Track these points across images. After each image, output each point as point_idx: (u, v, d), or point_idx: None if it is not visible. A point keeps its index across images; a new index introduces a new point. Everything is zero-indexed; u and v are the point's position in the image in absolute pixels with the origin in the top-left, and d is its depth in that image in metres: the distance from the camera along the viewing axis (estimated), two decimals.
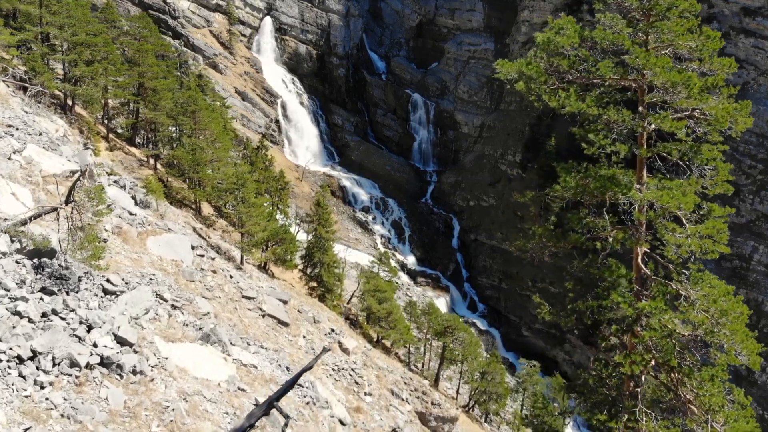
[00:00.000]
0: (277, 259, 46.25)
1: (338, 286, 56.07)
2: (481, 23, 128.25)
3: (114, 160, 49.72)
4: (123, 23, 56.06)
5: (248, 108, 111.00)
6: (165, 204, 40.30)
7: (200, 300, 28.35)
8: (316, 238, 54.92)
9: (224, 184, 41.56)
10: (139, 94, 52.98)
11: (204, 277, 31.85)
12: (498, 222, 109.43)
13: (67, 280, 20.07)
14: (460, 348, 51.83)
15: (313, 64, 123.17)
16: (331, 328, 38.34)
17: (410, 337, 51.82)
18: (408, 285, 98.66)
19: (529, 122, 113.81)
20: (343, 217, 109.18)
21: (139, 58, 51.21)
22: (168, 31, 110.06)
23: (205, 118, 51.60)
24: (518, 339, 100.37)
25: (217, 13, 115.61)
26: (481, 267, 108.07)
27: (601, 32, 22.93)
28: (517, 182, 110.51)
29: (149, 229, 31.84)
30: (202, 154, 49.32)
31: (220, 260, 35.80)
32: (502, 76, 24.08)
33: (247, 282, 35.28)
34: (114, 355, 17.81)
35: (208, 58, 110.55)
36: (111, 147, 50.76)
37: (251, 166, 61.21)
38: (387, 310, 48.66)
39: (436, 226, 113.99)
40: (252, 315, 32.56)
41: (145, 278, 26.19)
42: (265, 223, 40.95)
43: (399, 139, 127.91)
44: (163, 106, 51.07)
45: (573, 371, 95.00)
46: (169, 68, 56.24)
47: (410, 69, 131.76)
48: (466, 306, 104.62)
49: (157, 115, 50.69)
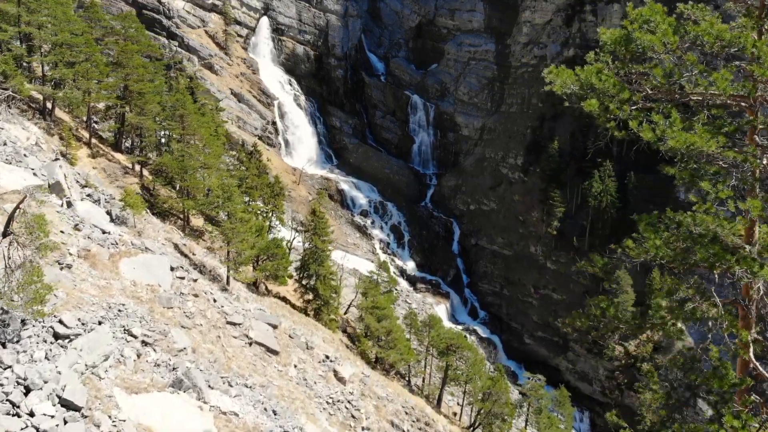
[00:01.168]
0: (269, 275, 42.80)
1: (335, 299, 52.67)
2: (481, 24, 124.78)
3: (96, 168, 46.26)
4: (108, 22, 52.45)
5: (244, 110, 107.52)
6: (147, 217, 36.90)
7: (177, 332, 24.91)
8: (311, 250, 51.50)
9: (210, 196, 37.96)
10: (124, 97, 49.49)
11: (184, 303, 28.40)
12: (499, 226, 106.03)
13: (6, 326, 16.66)
14: (464, 367, 48.47)
15: (311, 65, 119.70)
16: (326, 355, 34.91)
17: (411, 355, 48.41)
18: (408, 291, 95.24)
19: (530, 125, 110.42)
20: (341, 222, 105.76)
21: (123, 59, 47.68)
22: (163, 31, 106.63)
23: (194, 122, 48.13)
24: (520, 347, 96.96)
25: (213, 13, 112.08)
26: (481, 272, 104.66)
27: (712, 27, 15.05)
28: (519, 186, 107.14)
29: (123, 250, 28.37)
30: (191, 161, 45.89)
31: (203, 281, 32.35)
32: (559, 90, 16.75)
33: (233, 305, 31.84)
34: (53, 429, 14.36)
35: (204, 58, 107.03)
36: (94, 153, 47.27)
37: (245, 171, 57.68)
38: (386, 328, 45.24)
39: (436, 230, 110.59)
40: (237, 344, 29.15)
41: (111, 311, 22.74)
42: (253, 240, 37.46)
43: (398, 141, 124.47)
44: (149, 110, 47.59)
45: (577, 381, 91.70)
46: (157, 70, 52.71)
47: (410, 70, 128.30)
48: (467, 312, 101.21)
49: (142, 119, 47.20)
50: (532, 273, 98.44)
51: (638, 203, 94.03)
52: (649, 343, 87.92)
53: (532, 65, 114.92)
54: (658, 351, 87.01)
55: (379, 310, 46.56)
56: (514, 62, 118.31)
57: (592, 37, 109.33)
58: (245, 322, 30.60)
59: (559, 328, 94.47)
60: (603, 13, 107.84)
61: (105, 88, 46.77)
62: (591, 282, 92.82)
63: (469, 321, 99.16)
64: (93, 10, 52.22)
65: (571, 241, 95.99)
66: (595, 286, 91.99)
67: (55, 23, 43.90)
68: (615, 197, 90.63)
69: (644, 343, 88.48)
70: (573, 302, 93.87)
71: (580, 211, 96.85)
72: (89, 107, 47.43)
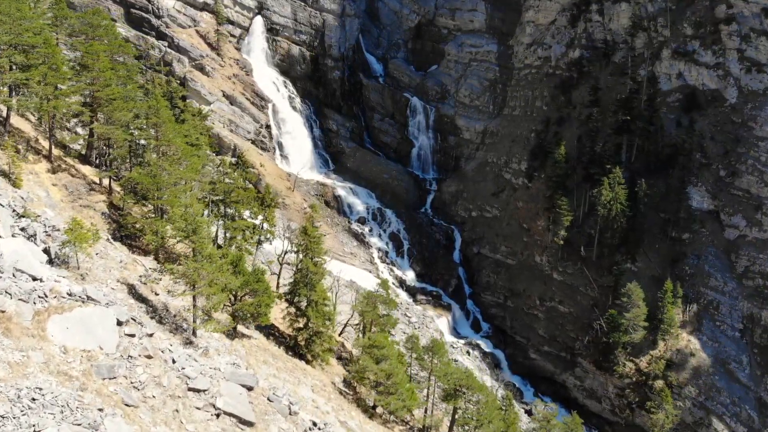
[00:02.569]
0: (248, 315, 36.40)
1: (329, 327, 46.47)
2: (483, 24, 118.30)
3: (56, 185, 39.88)
4: (75, 20, 45.95)
5: (236, 113, 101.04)
6: (103, 247, 30.55)
7: (114, 422, 18.60)
8: (302, 272, 45.25)
9: (172, 225, 31.53)
10: (91, 104, 43.10)
11: (132, 370, 22.11)
12: (503, 234, 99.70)
13: None
14: (475, 410, 42.19)
15: (307, 67, 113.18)
16: (313, 422, 28.54)
17: (414, 400, 42.20)
18: (407, 304, 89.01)
19: (534, 128, 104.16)
20: (338, 230, 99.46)
21: (89, 61, 41.27)
22: (152, 31, 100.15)
23: (169, 131, 41.76)
24: (525, 362, 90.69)
25: (204, 12, 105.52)
26: (484, 283, 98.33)
27: None
28: (523, 192, 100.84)
29: (54, 305, 22.05)
30: (165, 176, 39.58)
31: (161, 335, 26.05)
32: None
33: (198, 364, 25.52)
34: None
35: (194, 59, 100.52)
36: (54, 168, 40.89)
37: (230, 184, 51.32)
38: (386, 371, 38.90)
39: (436, 238, 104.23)
40: (201, 417, 22.89)
41: (19, 403, 16.44)
42: (226, 279, 31.15)
43: (397, 145, 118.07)
44: (118, 119, 41.20)
45: (585, 398, 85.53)
46: (130, 73, 46.35)
47: (409, 72, 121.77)
48: (470, 325, 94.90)
49: (110, 129, 40.83)
50: (538, 284, 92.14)
51: (648, 211, 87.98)
52: (662, 359, 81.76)
53: (536, 67, 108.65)
54: (671, 368, 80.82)
55: (378, 350, 40.24)
56: (516, 63, 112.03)
57: (598, 37, 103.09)
58: (212, 386, 24.31)
59: (567, 342, 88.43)
60: (610, 13, 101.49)
61: (67, 93, 40.35)
62: (600, 294, 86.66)
63: (472, 334, 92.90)
64: (58, 6, 45.75)
65: (578, 250, 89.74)
66: (604, 299, 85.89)
67: (6, 21, 37.52)
68: (625, 205, 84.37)
69: (656, 359, 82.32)
70: (581, 315, 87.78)
71: (588, 219, 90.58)
72: (50, 116, 41.04)
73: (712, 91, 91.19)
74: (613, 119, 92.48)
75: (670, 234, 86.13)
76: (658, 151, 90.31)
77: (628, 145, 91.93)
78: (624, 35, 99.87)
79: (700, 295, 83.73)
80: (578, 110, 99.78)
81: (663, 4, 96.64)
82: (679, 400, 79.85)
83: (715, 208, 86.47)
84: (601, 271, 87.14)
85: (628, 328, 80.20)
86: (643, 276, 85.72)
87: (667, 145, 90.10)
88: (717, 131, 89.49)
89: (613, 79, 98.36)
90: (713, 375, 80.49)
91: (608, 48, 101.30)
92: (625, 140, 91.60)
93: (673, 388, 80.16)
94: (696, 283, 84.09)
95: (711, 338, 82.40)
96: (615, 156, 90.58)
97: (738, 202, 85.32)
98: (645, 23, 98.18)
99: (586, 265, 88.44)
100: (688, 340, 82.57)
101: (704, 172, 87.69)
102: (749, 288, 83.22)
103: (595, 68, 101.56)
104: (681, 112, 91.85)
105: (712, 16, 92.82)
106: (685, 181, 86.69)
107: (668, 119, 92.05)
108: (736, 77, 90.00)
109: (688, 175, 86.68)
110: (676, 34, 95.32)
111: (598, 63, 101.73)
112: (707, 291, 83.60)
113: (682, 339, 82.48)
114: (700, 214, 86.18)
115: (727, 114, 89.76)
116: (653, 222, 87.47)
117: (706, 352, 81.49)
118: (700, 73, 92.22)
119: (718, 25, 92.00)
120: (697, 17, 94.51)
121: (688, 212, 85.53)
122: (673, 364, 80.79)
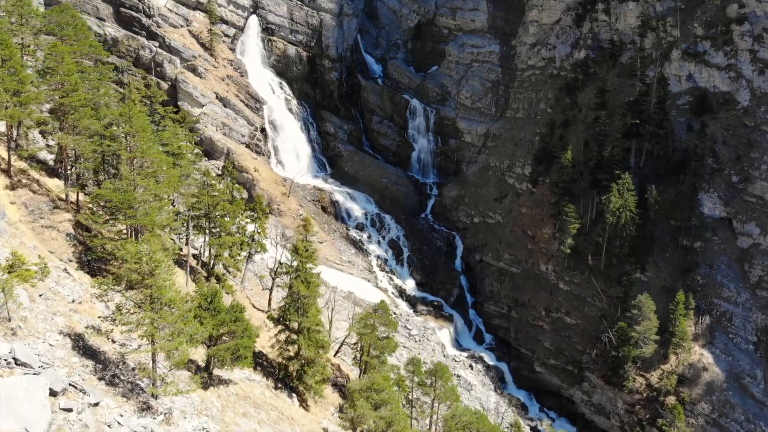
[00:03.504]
0: (226, 360, 31.30)
1: (321, 355, 41.55)
2: (484, 24, 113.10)
3: (15, 203, 34.88)
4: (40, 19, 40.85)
5: (230, 115, 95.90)
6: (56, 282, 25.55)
7: None
8: (293, 297, 40.30)
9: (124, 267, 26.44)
10: (57, 112, 38.04)
11: None
12: (506, 241, 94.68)
13: None
14: None
15: (304, 67, 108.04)
16: None
17: None
18: (407, 315, 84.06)
19: (539, 131, 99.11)
20: (335, 237, 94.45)
21: (53, 63, 36.22)
22: (142, 30, 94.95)
23: (144, 141, 36.73)
24: (530, 375, 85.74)
25: (197, 12, 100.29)
26: (487, 292, 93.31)
27: None
28: (527, 197, 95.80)
29: None
30: (136, 193, 34.61)
31: (110, 402, 21.05)
32: None
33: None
34: None
35: (186, 60, 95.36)
36: (14, 184, 35.87)
37: (215, 197, 46.26)
38: (386, 419, 33.83)
39: (437, 245, 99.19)
40: None
41: None
42: (195, 328, 26.07)
43: (396, 148, 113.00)
44: (84, 128, 36.17)
45: (593, 414, 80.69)
46: (102, 76, 41.29)
47: (408, 73, 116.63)
48: (472, 336, 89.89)
49: (76, 139, 35.79)
50: (543, 294, 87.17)
51: (658, 219, 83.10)
52: (674, 374, 76.97)
53: (540, 68, 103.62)
54: (683, 383, 76.05)
55: (377, 394, 35.23)
56: (520, 64, 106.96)
57: (605, 37, 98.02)
58: None
59: (574, 355, 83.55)
60: (617, 12, 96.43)
61: (26, 101, 35.29)
62: (608, 305, 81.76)
63: (474, 346, 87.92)
64: (22, 3, 40.61)
65: (585, 259, 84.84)
66: (613, 310, 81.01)
67: None
68: (635, 213, 79.43)
69: (668, 374, 77.52)
70: (588, 327, 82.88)
71: (595, 226, 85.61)
72: (8, 125, 35.98)
73: (724, 93, 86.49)
74: (621, 122, 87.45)
75: (681, 242, 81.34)
76: (668, 156, 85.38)
77: (637, 149, 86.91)
78: (631, 35, 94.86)
79: (712, 306, 79.12)
80: (584, 113, 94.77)
81: (672, 4, 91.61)
82: (691, 417, 75.23)
83: (728, 216, 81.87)
84: (609, 282, 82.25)
85: (638, 342, 75.49)
86: (653, 286, 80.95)
87: (677, 149, 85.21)
88: (729, 135, 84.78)
89: (620, 81, 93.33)
90: (727, 390, 75.98)
91: (615, 48, 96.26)
92: (633, 144, 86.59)
93: (685, 404, 75.54)
94: (708, 294, 79.45)
95: (724, 351, 77.86)
96: (623, 161, 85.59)
97: (751, 209, 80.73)
98: (653, 23, 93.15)
99: (593, 274, 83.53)
100: (701, 353, 77.92)
101: (716, 178, 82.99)
102: (763, 299, 78.67)
103: (602, 69, 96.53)
104: (691, 116, 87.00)
105: (724, 16, 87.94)
106: (696, 187, 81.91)
107: (678, 123, 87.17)
108: (748, 79, 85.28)
109: (699, 181, 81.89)
110: (686, 34, 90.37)
111: (605, 64, 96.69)
112: (720, 302, 79.02)
113: (695, 353, 77.81)
114: (712, 222, 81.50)
115: (739, 117, 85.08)
116: (663, 230, 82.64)
117: (719, 366, 76.82)
118: (711, 75, 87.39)
119: (730, 25, 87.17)
120: (708, 17, 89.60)
121: (700, 220, 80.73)
122: (685, 380, 76.09)
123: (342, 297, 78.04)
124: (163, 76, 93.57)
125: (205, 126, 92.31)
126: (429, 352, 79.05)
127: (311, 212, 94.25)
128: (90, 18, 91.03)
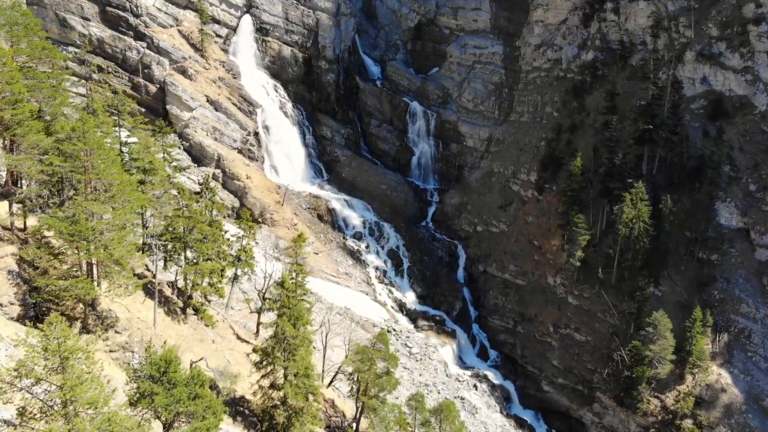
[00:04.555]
0: None
1: (311, 404, 35.49)
2: (487, 24, 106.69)
3: None
4: None
5: (221, 119, 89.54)
6: None
7: None
8: (278, 338, 34.20)
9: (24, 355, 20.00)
10: None
11: None
12: (511, 252, 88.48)
13: None
14: None
15: (299, 69, 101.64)
16: None
17: None
18: (407, 332, 77.87)
19: (544, 136, 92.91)
20: (332, 246, 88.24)
21: None
22: (129, 31, 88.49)
23: (100, 161, 30.54)
24: (538, 394, 79.63)
25: (187, 11, 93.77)
26: (492, 305, 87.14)
27: None
28: (533, 205, 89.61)
29: None
30: (89, 223, 28.47)
31: None
32: None
33: None
34: None
35: (176, 61, 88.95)
36: None
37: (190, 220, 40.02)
38: None
39: (438, 255, 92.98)
40: None
41: None
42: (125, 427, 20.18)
43: (396, 152, 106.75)
44: (29, 146, 29.96)
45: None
46: (58, 85, 35.09)
47: (408, 74, 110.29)
48: (476, 353, 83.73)
49: (18, 159, 29.59)
50: (551, 308, 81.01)
51: (673, 230, 77.00)
52: (690, 396, 70.94)
53: (545, 69, 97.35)
54: (700, 405, 70.03)
55: None
56: (524, 66, 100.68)
57: (614, 38, 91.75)
58: None
59: (584, 374, 77.50)
60: (626, 12, 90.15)
61: None
62: (620, 321, 75.67)
63: (479, 364, 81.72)
64: None
65: (596, 272, 78.73)
66: (625, 326, 74.93)
67: None
68: (648, 224, 73.29)
69: (684, 395, 71.50)
70: (599, 345, 76.76)
71: (606, 237, 79.48)
72: None
73: (740, 97, 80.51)
74: (632, 128, 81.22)
75: (696, 255, 75.35)
76: (682, 163, 79.27)
77: (650, 156, 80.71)
78: (642, 36, 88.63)
79: (730, 322, 73.14)
80: (592, 117, 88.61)
81: (685, 3, 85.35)
82: None
83: (745, 226, 75.92)
84: (621, 296, 76.13)
85: (653, 361, 69.48)
86: (668, 301, 74.90)
87: (692, 156, 79.14)
88: (746, 141, 78.76)
89: (631, 84, 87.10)
90: (746, 413, 70.09)
91: (625, 50, 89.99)
92: (646, 151, 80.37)
93: (703, 428, 69.60)
94: (726, 310, 73.47)
95: (743, 371, 71.91)
96: (635, 168, 79.49)
97: None
98: (665, 23, 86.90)
99: (604, 288, 77.41)
100: (719, 373, 71.93)
101: (733, 187, 76.96)
102: None
103: (611, 72, 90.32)
104: (706, 120, 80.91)
105: (740, 16, 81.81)
106: (712, 196, 75.93)
107: (693, 128, 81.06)
108: (766, 82, 79.34)
109: (715, 189, 75.92)
110: (700, 35, 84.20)
111: (614, 66, 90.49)
112: (738, 318, 73.07)
113: (712, 372, 71.79)
114: (729, 233, 75.49)
115: (756, 122, 79.12)
116: (678, 241, 76.60)
117: (738, 387, 70.86)
118: (726, 78, 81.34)
119: (746, 25, 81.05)
120: (723, 17, 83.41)
121: (716, 231, 74.71)
122: (702, 401, 70.06)
123: (338, 314, 72.02)
124: (151, 79, 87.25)
125: (194, 131, 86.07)
126: (431, 372, 73.03)
127: (306, 221, 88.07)
128: (74, 18, 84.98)
